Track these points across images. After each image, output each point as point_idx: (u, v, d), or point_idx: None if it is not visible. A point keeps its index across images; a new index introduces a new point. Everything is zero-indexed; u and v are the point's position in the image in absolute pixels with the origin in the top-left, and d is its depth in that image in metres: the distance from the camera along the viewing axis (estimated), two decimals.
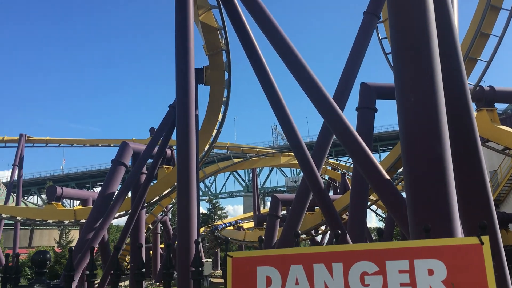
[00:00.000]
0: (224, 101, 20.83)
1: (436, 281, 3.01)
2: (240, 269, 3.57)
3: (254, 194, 46.87)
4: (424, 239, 3.30)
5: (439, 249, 3.09)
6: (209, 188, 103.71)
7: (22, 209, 31.60)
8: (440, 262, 3.05)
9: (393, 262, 3.16)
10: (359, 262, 3.25)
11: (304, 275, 3.35)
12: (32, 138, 46.04)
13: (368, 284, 3.17)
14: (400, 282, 3.09)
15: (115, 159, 21.66)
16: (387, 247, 3.25)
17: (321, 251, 3.50)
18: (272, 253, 3.66)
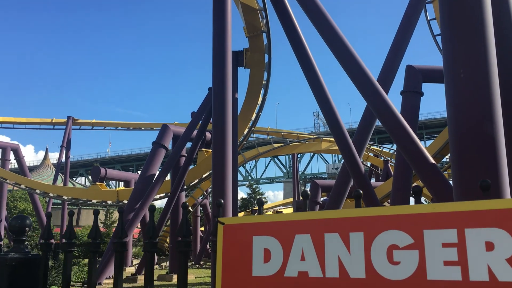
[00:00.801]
0: (264, 84, 20.53)
1: (497, 258, 2.06)
2: (233, 239, 2.80)
3: (294, 180, 46.51)
4: (481, 200, 2.25)
5: (502, 214, 2.10)
6: (249, 173, 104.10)
7: (68, 189, 32.64)
8: (503, 232, 2.07)
9: (434, 231, 2.23)
10: (386, 232, 2.36)
11: (313, 247, 2.53)
12: (79, 121, 47.44)
13: (398, 262, 2.28)
14: (443, 260, 2.17)
15: (155, 141, 21.85)
16: (426, 211, 2.30)
17: (336, 216, 2.64)
18: (273, 219, 2.83)
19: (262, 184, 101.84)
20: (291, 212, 47.12)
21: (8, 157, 35.77)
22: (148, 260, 3.26)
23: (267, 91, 20.96)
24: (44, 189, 30.21)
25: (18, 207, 55.84)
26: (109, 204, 28.75)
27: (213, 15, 11.62)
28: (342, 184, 15.92)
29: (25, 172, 38.21)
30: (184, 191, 24.33)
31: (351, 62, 11.72)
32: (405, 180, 15.72)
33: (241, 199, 72.47)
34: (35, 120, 46.89)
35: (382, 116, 10.72)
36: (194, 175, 24.39)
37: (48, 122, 46.79)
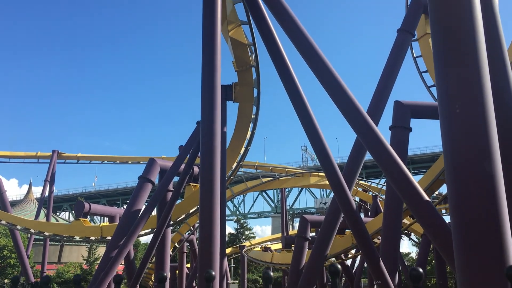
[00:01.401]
0: (253, 118, 20.43)
1: None
2: None
3: (283, 215, 46.00)
4: None
5: None
6: (237, 208, 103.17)
7: (50, 225, 31.75)
8: None
9: None
10: None
11: None
12: (64, 155, 46.85)
13: None
14: None
15: (141, 175, 21.42)
16: None
17: None
18: None
19: (250, 218, 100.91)
20: (279, 247, 46.37)
21: None
22: None
23: (256, 125, 20.86)
24: (25, 224, 29.31)
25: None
26: (92, 240, 27.95)
27: (202, 49, 11.55)
28: (332, 219, 15.63)
29: (7, 207, 37.24)
30: (170, 226, 23.73)
31: (343, 97, 11.68)
32: (396, 216, 15.49)
33: (229, 234, 71.36)
34: (19, 154, 46.16)
35: (373, 148, 10.59)
36: (181, 210, 23.87)
37: (32, 156, 46.11)
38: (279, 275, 57.18)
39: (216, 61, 11.28)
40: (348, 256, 31.66)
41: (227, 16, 16.71)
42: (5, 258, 54.07)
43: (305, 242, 23.51)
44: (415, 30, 19.13)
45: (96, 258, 48.04)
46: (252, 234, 71.10)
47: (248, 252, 46.83)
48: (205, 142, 10.41)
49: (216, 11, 11.52)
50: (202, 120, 10.66)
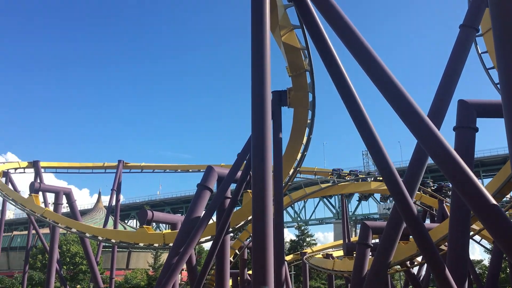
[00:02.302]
0: (309, 123, 20.13)
1: None
2: None
3: (344, 221, 45.10)
4: None
5: None
6: (298, 214, 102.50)
7: (116, 232, 32.95)
8: None
9: None
10: None
11: None
12: (129, 164, 48.65)
13: None
14: None
15: (200, 183, 21.68)
16: None
17: None
18: None
19: (312, 225, 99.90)
20: (341, 254, 45.43)
21: (60, 201, 36.82)
22: None
23: (312, 130, 20.53)
24: (93, 232, 30.64)
25: (71, 250, 57.14)
26: (156, 247, 28.69)
27: (251, 55, 11.48)
28: (393, 226, 15.01)
29: (77, 216, 39.12)
30: (229, 233, 23.85)
31: (399, 99, 11.20)
32: (463, 221, 14.62)
33: (290, 241, 70.97)
34: (87, 165, 48.48)
35: (434, 152, 10.04)
36: (239, 217, 23.94)
37: (100, 166, 48.26)
38: (342, 282, 56.06)
39: (265, 66, 11.16)
40: (413, 264, 30.38)
41: (279, 21, 16.60)
42: (77, 264, 57.02)
43: (367, 249, 22.79)
44: (479, 25, 18.10)
45: (161, 264, 49.41)
46: (313, 240, 70.29)
47: (309, 259, 46.25)
48: (256, 148, 10.32)
49: (265, 17, 11.43)
50: (252, 127, 10.57)
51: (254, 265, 9.55)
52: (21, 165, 44.26)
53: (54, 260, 37.47)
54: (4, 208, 47.48)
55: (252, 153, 10.46)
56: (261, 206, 9.76)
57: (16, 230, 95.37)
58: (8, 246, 76.16)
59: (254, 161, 10.28)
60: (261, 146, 10.30)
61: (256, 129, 10.52)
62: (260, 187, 9.95)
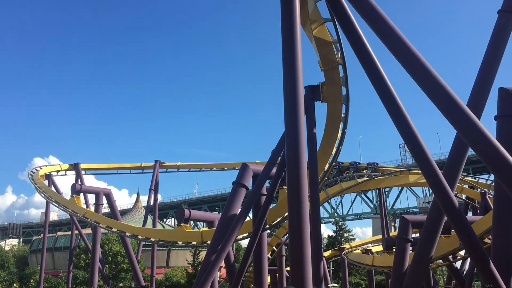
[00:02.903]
0: (343, 117, 19.85)
1: None
2: None
3: (382, 215, 44.37)
4: None
5: None
6: (335, 210, 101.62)
7: (155, 231, 33.59)
8: None
9: None
10: None
11: None
12: (165, 164, 49.44)
13: None
14: None
15: (235, 181, 21.76)
16: None
17: None
18: None
19: (349, 220, 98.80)
20: (381, 249, 44.72)
21: (101, 201, 37.79)
22: None
23: (346, 125, 20.24)
24: (133, 232, 31.29)
25: (113, 249, 58.58)
26: (194, 245, 29.03)
27: (282, 51, 11.40)
28: (434, 219, 14.65)
29: (117, 216, 40.07)
30: (266, 230, 23.86)
31: (437, 89, 10.89)
32: (508, 212, 14.12)
33: (328, 237, 70.45)
34: (125, 166, 49.55)
35: (476, 144, 9.71)
36: (275, 213, 23.91)
37: (137, 167, 49.24)
38: (382, 278, 55.28)
39: (297, 61, 11.06)
40: (456, 258, 29.57)
41: (309, 15, 16.41)
42: (119, 263, 58.40)
43: (407, 244, 22.32)
44: None
45: (200, 262, 49.91)
46: (351, 236, 69.50)
47: (348, 254, 45.79)
48: (290, 144, 10.24)
49: (295, 12, 11.32)
50: (286, 123, 10.50)
51: (292, 261, 9.50)
52: (62, 168, 45.70)
53: (97, 259, 38.51)
54: (48, 210, 49.13)
55: (286, 149, 10.40)
56: (297, 202, 9.69)
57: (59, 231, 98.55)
58: (53, 247, 78.81)
59: (288, 157, 10.21)
60: (295, 142, 10.22)
61: (289, 125, 10.44)
62: (295, 183, 9.88)
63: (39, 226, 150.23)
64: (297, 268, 9.11)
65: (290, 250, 9.66)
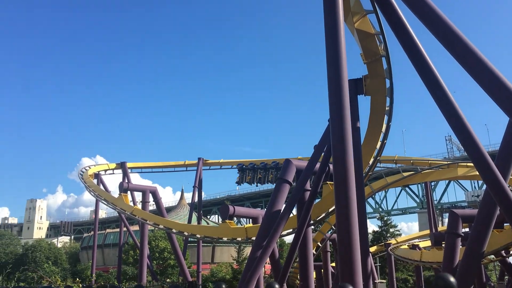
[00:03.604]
0: (387, 110, 19.44)
1: None
2: None
3: (429, 210, 43.24)
4: None
5: None
6: (379, 205, 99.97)
7: (201, 227, 34.08)
8: None
9: None
10: None
11: None
12: (208, 161, 50.06)
13: None
14: None
15: (279, 177, 21.80)
16: None
17: None
18: None
19: (394, 215, 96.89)
20: (428, 245, 43.62)
21: (147, 199, 38.70)
22: None
23: (391, 118, 19.81)
24: (179, 228, 31.90)
25: (160, 246, 59.94)
26: (239, 241, 29.27)
27: (326, 44, 11.29)
28: (486, 213, 14.19)
29: (163, 213, 40.93)
30: (311, 226, 23.77)
31: (489, 76, 10.50)
32: None
33: (373, 232, 69.38)
34: (170, 164, 50.51)
35: None
36: (320, 209, 23.75)
37: (181, 165, 50.07)
38: (430, 273, 53.99)
39: (341, 55, 10.93)
40: (510, 253, 28.47)
41: (351, 8, 16.17)
42: (166, 259, 59.70)
43: (457, 239, 21.70)
44: None
45: (245, 258, 50.29)
46: (397, 231, 68.14)
47: (394, 250, 44.94)
48: (336, 139, 10.14)
49: (338, 5, 11.19)
50: (331, 117, 10.41)
51: (341, 258, 9.42)
52: (110, 167, 47.06)
53: (145, 256, 39.48)
54: (97, 208, 50.79)
55: (332, 144, 10.31)
56: (344, 198, 9.60)
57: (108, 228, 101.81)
58: (103, 243, 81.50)
59: (334, 152, 10.12)
60: (341, 137, 10.13)
61: (335, 120, 10.35)
62: (342, 178, 9.79)
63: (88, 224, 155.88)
64: (346, 264, 9.03)
65: (339, 246, 9.59)
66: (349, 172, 9.87)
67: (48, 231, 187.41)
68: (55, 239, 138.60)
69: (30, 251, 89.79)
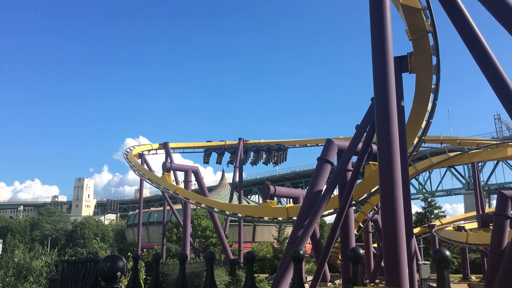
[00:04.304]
0: (433, 88, 18.80)
1: None
2: None
3: (476, 191, 41.95)
4: None
5: None
6: (423, 186, 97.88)
7: (242, 207, 34.46)
8: None
9: None
10: None
11: None
12: (249, 142, 50.26)
13: None
14: None
15: (320, 157, 21.61)
16: None
17: None
18: None
19: (438, 197, 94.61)
20: (474, 227, 42.44)
21: (189, 178, 39.41)
22: None
23: (437, 96, 19.16)
24: (221, 207, 32.38)
25: (202, 224, 61.20)
26: (280, 220, 29.43)
27: (370, 21, 10.97)
28: None
29: (205, 192, 41.61)
30: (352, 206, 23.57)
31: None
32: None
33: (416, 213, 68.14)
34: (211, 144, 51.06)
35: None
36: (362, 189, 23.47)
37: (222, 145, 50.51)
38: (476, 256, 52.76)
39: (386, 32, 10.59)
40: None
41: None
42: (208, 237, 60.99)
43: (506, 221, 20.99)
44: None
45: (285, 237, 50.57)
46: (442, 212, 66.60)
47: (439, 231, 44.01)
48: (380, 118, 9.90)
49: None
50: (375, 96, 10.15)
51: (385, 239, 9.29)
52: (153, 147, 48.11)
53: (188, 234, 40.41)
54: (142, 187, 52.20)
55: (376, 123, 10.08)
56: (389, 178, 9.41)
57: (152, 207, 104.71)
58: (147, 221, 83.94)
59: (378, 131, 9.91)
60: (385, 116, 9.88)
61: (379, 98, 10.10)
62: (386, 158, 9.59)
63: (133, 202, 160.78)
64: (390, 245, 8.90)
65: (383, 227, 9.46)
66: (394, 152, 9.64)
67: (95, 209, 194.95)
68: (102, 216, 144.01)
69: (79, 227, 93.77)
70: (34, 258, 6.74)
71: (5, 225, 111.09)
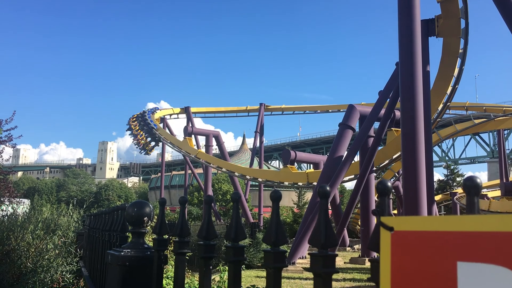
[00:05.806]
0: (461, 53, 18.27)
1: None
2: (410, 261, 0.88)
3: (501, 159, 41.20)
4: None
5: None
6: (446, 153, 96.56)
7: (262, 172, 34.68)
8: None
9: None
10: None
11: None
12: (270, 107, 50.00)
13: None
14: None
15: (342, 122, 21.46)
16: None
17: None
18: (498, 226, 0.75)
19: (462, 164, 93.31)
20: (497, 195, 41.93)
21: (210, 143, 39.67)
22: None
23: (464, 61, 18.62)
24: (241, 172, 32.65)
25: (222, 188, 62.00)
26: (300, 185, 29.58)
27: None
28: None
29: (225, 157, 41.91)
30: (373, 172, 23.50)
31: None
32: None
33: (438, 181, 67.53)
34: (232, 109, 51.03)
35: None
36: (383, 156, 23.32)
37: (243, 110, 50.44)
38: None
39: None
40: None
41: None
42: (228, 201, 61.88)
43: None
44: None
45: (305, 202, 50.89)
46: None
47: (460, 199, 43.66)
48: (405, 83, 9.68)
49: None
50: (400, 60, 9.90)
51: (406, 205, 9.27)
52: (174, 112, 48.32)
53: None
54: (164, 151, 52.82)
55: (401, 89, 9.88)
56: (412, 145, 9.28)
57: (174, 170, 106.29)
58: (169, 185, 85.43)
59: (402, 97, 9.72)
60: (410, 81, 9.66)
61: (405, 62, 9.85)
62: (410, 124, 9.43)
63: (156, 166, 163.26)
64: (412, 212, 8.87)
65: (405, 193, 9.41)
66: (418, 118, 9.48)
67: (119, 172, 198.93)
68: (125, 179, 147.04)
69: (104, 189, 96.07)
70: (61, 215, 7.01)
71: (32, 186, 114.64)
